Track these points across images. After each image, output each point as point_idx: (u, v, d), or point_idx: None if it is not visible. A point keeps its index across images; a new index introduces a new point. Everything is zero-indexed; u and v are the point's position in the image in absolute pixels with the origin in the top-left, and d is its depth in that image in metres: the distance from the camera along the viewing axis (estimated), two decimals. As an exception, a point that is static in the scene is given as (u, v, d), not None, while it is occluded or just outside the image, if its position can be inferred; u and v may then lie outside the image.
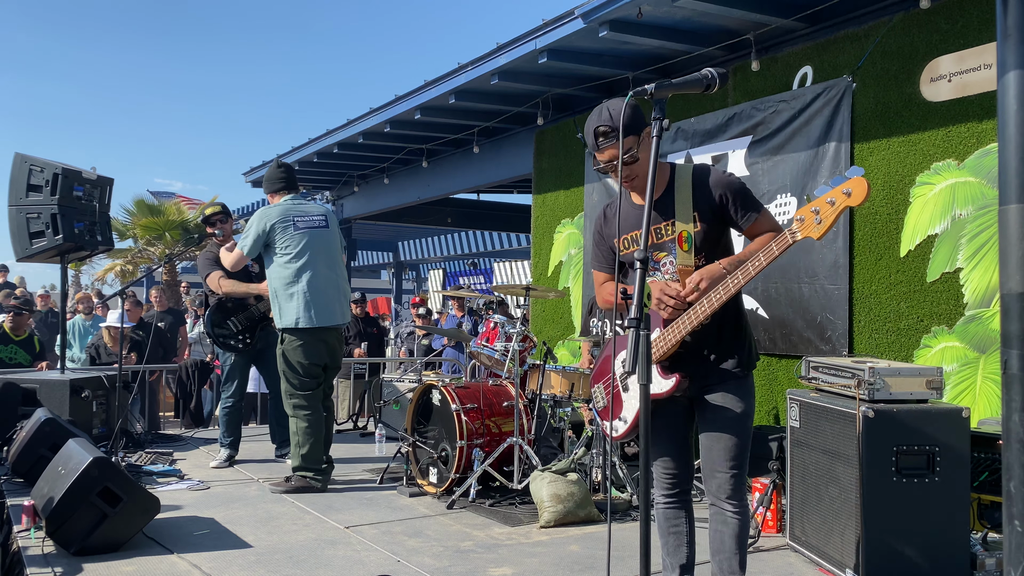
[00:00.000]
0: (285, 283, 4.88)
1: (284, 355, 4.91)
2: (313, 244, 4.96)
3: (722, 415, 2.68)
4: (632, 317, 1.99)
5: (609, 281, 2.84)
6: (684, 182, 2.67)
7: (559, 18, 5.73)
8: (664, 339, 2.62)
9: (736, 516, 2.70)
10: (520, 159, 8.32)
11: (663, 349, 2.62)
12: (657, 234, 2.68)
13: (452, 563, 3.56)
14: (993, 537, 3.54)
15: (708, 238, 2.65)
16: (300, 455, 4.85)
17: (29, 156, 5.80)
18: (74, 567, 3.39)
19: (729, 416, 2.67)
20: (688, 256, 2.62)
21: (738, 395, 2.69)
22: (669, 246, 2.65)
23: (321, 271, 4.94)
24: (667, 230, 2.66)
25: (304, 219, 4.99)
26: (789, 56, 5.47)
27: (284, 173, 5.21)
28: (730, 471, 2.66)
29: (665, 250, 2.67)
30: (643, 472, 2.01)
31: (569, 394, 5.10)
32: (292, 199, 5.10)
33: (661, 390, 2.63)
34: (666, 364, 2.66)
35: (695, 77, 2.25)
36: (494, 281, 21.02)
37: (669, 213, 2.65)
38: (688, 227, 2.62)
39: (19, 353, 7.34)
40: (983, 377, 4.28)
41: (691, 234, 2.62)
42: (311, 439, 4.84)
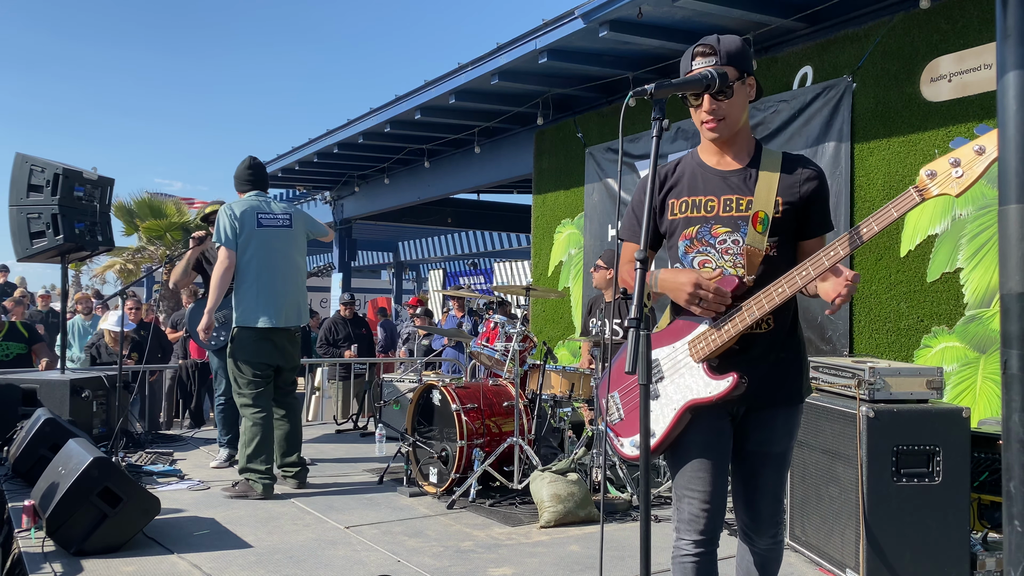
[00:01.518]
0: (239, 280, 4.83)
1: (231, 354, 4.82)
2: (272, 243, 4.92)
3: (767, 446, 2.26)
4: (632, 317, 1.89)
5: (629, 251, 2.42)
6: (772, 161, 2.28)
7: (559, 18, 5.73)
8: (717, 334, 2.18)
9: (772, 550, 2.32)
10: (520, 159, 8.32)
11: (715, 345, 2.18)
12: (726, 205, 2.24)
13: (452, 563, 3.56)
14: (993, 537, 3.54)
15: (783, 227, 2.24)
16: (245, 455, 4.72)
17: (30, 156, 5.80)
18: (74, 567, 3.39)
19: (775, 449, 2.27)
20: (760, 238, 2.19)
21: (790, 425, 2.29)
22: (738, 222, 2.22)
23: (277, 271, 4.89)
24: (740, 204, 2.23)
25: (267, 216, 4.95)
26: (789, 56, 5.47)
27: (252, 172, 5.13)
28: (778, 509, 2.29)
29: (729, 226, 2.23)
30: (643, 472, 2.00)
31: (569, 394, 5.10)
32: (257, 195, 5.04)
33: (710, 393, 2.16)
34: (714, 363, 2.21)
35: (695, 77, 2.25)
36: (494, 281, 21.01)
37: (747, 188, 2.24)
38: (767, 208, 2.21)
39: (12, 346, 7.27)
40: (983, 377, 4.28)
41: (768, 215, 2.20)
42: (255, 439, 4.71)
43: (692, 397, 2.19)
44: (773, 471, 2.27)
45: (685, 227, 2.29)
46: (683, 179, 2.32)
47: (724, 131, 2.24)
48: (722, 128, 2.23)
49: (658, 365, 2.27)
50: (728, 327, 2.16)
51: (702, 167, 2.31)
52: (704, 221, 2.26)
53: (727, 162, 2.29)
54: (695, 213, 2.27)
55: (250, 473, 4.71)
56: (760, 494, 2.27)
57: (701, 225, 2.27)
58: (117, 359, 6.41)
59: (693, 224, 2.27)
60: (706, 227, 2.26)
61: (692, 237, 2.27)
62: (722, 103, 2.20)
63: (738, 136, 2.28)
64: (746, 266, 2.20)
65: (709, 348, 2.18)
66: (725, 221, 2.24)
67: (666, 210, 2.34)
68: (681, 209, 2.30)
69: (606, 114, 7.11)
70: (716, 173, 2.28)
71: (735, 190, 2.25)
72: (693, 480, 2.20)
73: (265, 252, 4.87)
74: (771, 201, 2.21)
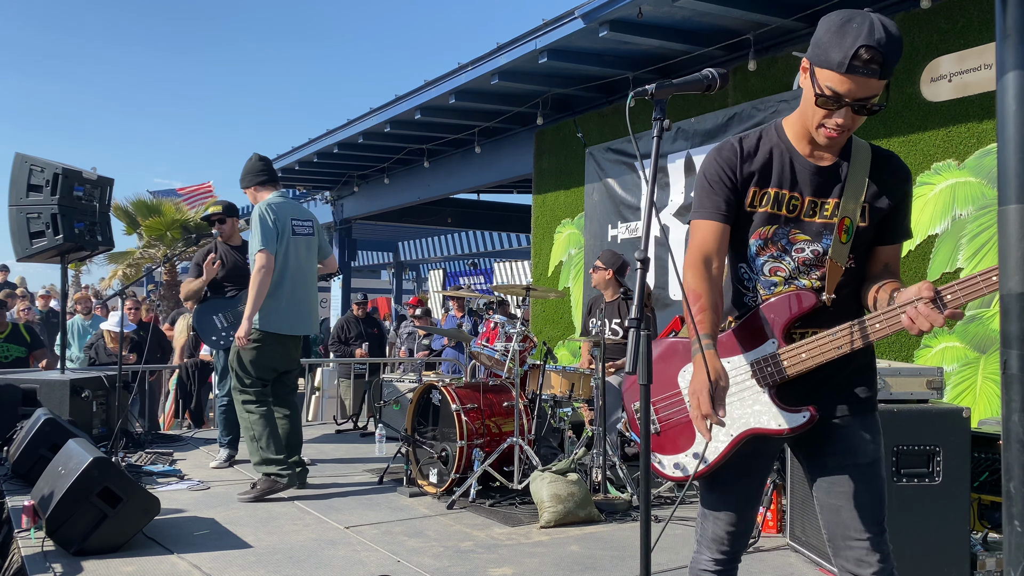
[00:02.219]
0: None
1: (239, 352, 4.75)
2: (300, 251, 4.91)
3: (855, 458, 1.96)
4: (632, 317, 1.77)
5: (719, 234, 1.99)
6: (863, 159, 1.98)
7: (559, 18, 5.73)
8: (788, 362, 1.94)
9: None
10: (520, 159, 8.32)
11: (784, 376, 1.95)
12: (810, 208, 1.97)
13: (452, 563, 3.56)
14: (993, 537, 3.54)
15: (866, 236, 1.98)
16: (259, 450, 4.66)
17: (30, 156, 5.80)
18: (74, 567, 3.39)
19: (865, 460, 1.96)
20: (844, 249, 1.93)
21: (875, 431, 1.99)
22: (821, 230, 1.96)
23: (300, 280, 4.88)
24: (825, 209, 1.96)
25: (300, 224, 4.94)
26: (789, 56, 5.47)
27: (265, 166, 5.06)
28: (875, 530, 1.95)
29: (810, 233, 1.96)
30: (643, 472, 1.99)
31: (569, 394, 5.10)
32: (282, 195, 5.00)
33: (779, 426, 1.93)
34: (782, 389, 1.95)
35: (695, 77, 2.24)
36: (494, 281, 21.02)
37: (832, 190, 1.96)
38: (854, 215, 1.94)
39: (12, 348, 7.29)
40: (983, 377, 4.29)
41: (853, 223, 1.94)
42: (266, 431, 4.67)
43: (756, 426, 1.96)
44: (871, 483, 1.96)
45: (762, 224, 1.99)
46: (770, 165, 2.00)
47: (839, 142, 1.94)
48: (842, 139, 1.93)
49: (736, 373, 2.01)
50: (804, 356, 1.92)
51: (793, 155, 1.99)
52: (785, 222, 1.99)
53: (819, 154, 1.98)
54: (777, 210, 1.98)
55: (272, 467, 4.67)
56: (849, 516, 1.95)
57: (780, 226, 1.99)
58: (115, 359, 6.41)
59: (773, 223, 1.99)
60: (785, 229, 1.99)
61: (768, 238, 1.99)
62: (859, 118, 1.88)
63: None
64: (826, 282, 1.95)
65: (777, 377, 1.95)
66: (807, 227, 1.98)
67: (745, 197, 2.00)
68: (762, 202, 1.99)
69: (606, 114, 7.11)
70: (807, 167, 1.98)
71: (822, 191, 1.97)
72: (721, 502, 2.04)
73: (295, 260, 4.87)
74: (858, 207, 1.95)
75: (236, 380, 4.82)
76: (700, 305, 1.91)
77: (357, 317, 9.25)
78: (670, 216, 6.30)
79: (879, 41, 1.79)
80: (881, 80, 1.82)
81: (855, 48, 1.79)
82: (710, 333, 1.88)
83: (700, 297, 1.92)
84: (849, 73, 1.79)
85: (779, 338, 1.95)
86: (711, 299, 1.92)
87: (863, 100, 1.83)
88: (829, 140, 1.91)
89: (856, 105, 1.83)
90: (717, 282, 1.96)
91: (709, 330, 1.88)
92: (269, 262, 4.70)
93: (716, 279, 1.96)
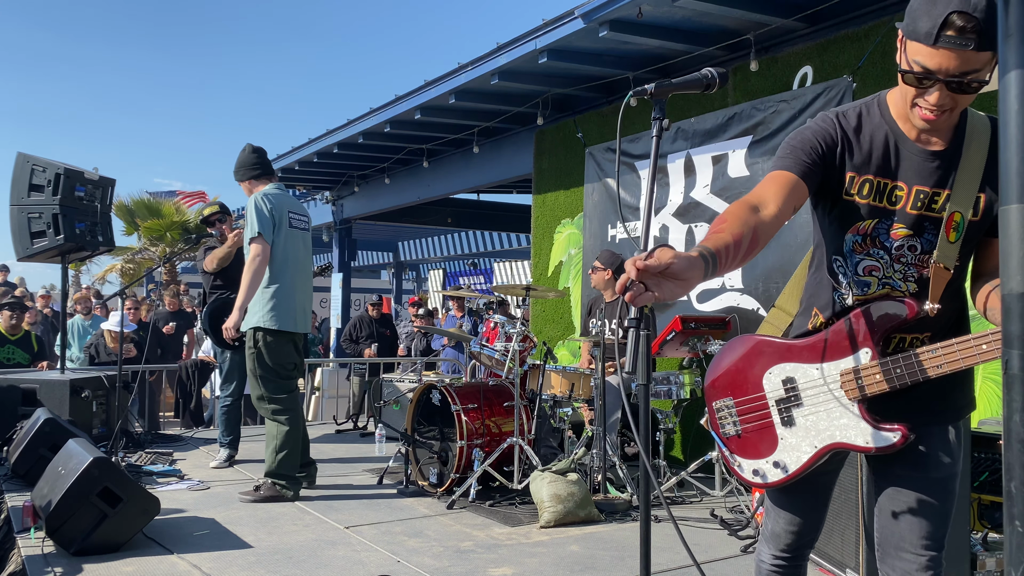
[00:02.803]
0: (267, 279, 4.64)
1: (259, 356, 4.60)
2: (299, 246, 4.82)
3: (927, 472, 1.79)
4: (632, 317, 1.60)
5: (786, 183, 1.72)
6: (980, 139, 1.71)
7: (559, 18, 5.73)
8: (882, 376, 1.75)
9: None
10: (520, 159, 8.32)
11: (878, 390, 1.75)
12: (916, 199, 1.73)
13: (452, 563, 3.55)
14: (993, 537, 3.54)
15: (978, 231, 1.75)
16: (277, 461, 4.57)
17: (31, 156, 5.80)
18: (74, 567, 3.39)
19: (939, 475, 1.79)
20: (952, 249, 1.71)
21: (953, 440, 1.81)
22: (924, 224, 1.74)
23: (300, 274, 4.80)
24: (933, 201, 1.73)
25: (298, 218, 4.86)
26: (789, 56, 5.47)
27: (259, 157, 4.89)
28: (926, 553, 1.78)
29: (913, 228, 1.75)
30: (643, 472, 1.99)
31: (569, 394, 5.10)
32: (278, 187, 4.87)
33: (866, 443, 1.77)
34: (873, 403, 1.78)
35: (695, 77, 2.24)
36: (494, 281, 21.01)
37: (943, 179, 1.72)
38: (965, 209, 1.71)
39: (17, 353, 7.33)
40: (984, 377, 4.28)
41: (964, 220, 1.71)
42: (291, 444, 4.59)
43: (842, 440, 1.80)
44: (935, 498, 1.79)
45: (862, 218, 1.77)
46: (873, 148, 1.75)
47: (945, 123, 1.70)
48: (944, 120, 1.68)
49: (794, 385, 1.85)
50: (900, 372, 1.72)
51: (899, 137, 1.75)
52: (886, 215, 1.75)
53: (927, 137, 1.74)
54: (878, 202, 1.75)
55: (283, 479, 4.60)
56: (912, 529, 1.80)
57: (881, 220, 1.76)
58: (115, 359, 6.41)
59: (874, 217, 1.76)
60: (886, 224, 1.76)
61: (867, 233, 1.78)
62: (962, 99, 1.64)
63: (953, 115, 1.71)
64: (931, 287, 1.74)
65: (869, 391, 1.76)
66: (910, 221, 1.74)
67: (842, 181, 1.77)
68: (863, 192, 1.76)
69: (606, 114, 7.11)
70: (914, 151, 1.74)
71: (931, 180, 1.72)
72: (786, 503, 1.95)
73: (293, 254, 4.77)
74: (971, 198, 1.70)
75: (262, 388, 4.62)
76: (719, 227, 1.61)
77: (372, 317, 9.33)
78: (669, 216, 6.30)
79: (976, 6, 1.52)
80: (981, 52, 1.56)
81: (946, 14, 1.53)
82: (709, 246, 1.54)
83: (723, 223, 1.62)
84: (940, 45, 1.55)
85: (872, 348, 1.76)
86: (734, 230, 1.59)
87: (959, 76, 1.57)
88: (927, 122, 1.67)
89: (953, 82, 1.58)
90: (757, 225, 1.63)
91: (711, 245, 1.54)
92: (265, 251, 4.59)
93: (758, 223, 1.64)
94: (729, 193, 5.79)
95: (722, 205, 5.86)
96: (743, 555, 3.75)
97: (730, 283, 5.79)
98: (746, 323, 5.23)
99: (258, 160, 4.89)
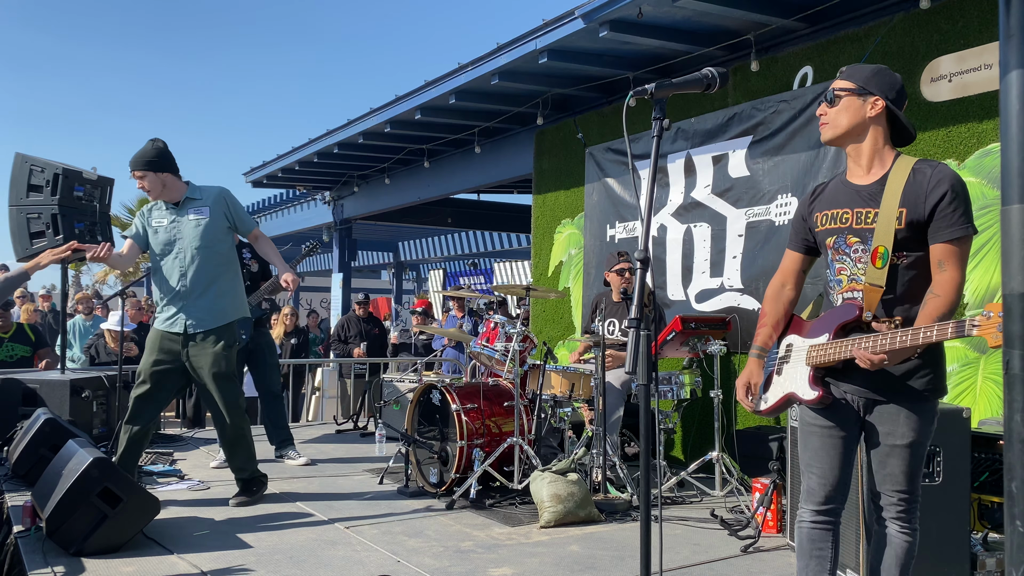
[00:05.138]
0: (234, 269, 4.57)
1: (225, 358, 4.39)
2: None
3: (888, 437, 2.42)
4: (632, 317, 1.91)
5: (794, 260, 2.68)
6: (901, 173, 2.40)
7: (559, 18, 5.73)
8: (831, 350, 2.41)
9: (900, 536, 2.47)
10: (520, 159, 8.31)
11: (821, 360, 2.44)
12: (859, 217, 2.44)
13: (452, 563, 3.55)
14: (993, 537, 3.54)
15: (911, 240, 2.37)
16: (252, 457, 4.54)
17: (30, 156, 5.79)
18: (74, 567, 3.39)
19: (896, 440, 2.41)
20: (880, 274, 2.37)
21: (914, 417, 2.40)
22: (866, 234, 2.43)
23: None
24: (868, 218, 2.42)
25: None
26: (789, 56, 5.47)
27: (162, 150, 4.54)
28: (896, 495, 2.45)
29: (859, 236, 2.45)
30: (643, 472, 2.00)
31: (569, 394, 5.10)
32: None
33: (803, 396, 2.50)
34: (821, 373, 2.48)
35: (695, 77, 2.24)
36: (494, 281, 21.01)
37: (874, 201, 2.42)
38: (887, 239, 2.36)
39: (16, 348, 7.30)
40: (984, 377, 4.28)
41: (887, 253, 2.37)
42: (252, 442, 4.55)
43: (792, 390, 2.54)
44: (899, 461, 2.42)
45: (826, 238, 2.55)
46: (825, 193, 2.60)
47: (826, 133, 2.52)
48: (825, 131, 2.52)
49: (789, 349, 2.60)
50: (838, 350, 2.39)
51: (842, 181, 2.56)
52: (840, 232, 2.50)
53: (860, 176, 2.51)
54: (833, 225, 2.52)
55: (260, 476, 4.61)
56: (879, 479, 2.47)
57: (839, 236, 2.50)
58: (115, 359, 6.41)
59: (831, 235, 2.53)
60: (842, 238, 2.49)
61: (831, 247, 2.54)
62: (828, 110, 2.51)
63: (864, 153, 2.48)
64: (864, 301, 2.40)
65: (817, 360, 2.46)
66: (856, 232, 2.46)
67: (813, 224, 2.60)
68: (821, 221, 2.56)
69: (606, 114, 7.11)
70: (851, 187, 2.51)
71: (866, 203, 2.44)
72: (814, 458, 2.52)
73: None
74: (891, 221, 2.35)
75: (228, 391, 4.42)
76: (762, 322, 2.67)
77: (359, 316, 9.29)
78: (668, 216, 6.30)
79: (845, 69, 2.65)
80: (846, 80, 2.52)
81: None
82: (760, 345, 2.65)
83: (764, 316, 2.68)
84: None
85: (830, 334, 2.45)
86: (772, 318, 2.65)
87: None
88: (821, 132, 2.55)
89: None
90: (785, 302, 2.66)
91: (760, 342, 2.65)
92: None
93: (786, 299, 2.67)
94: (729, 193, 5.79)
95: (722, 205, 5.86)
96: (743, 555, 3.75)
97: (730, 283, 5.79)
98: (746, 323, 5.23)
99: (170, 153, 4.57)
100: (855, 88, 2.45)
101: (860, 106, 2.45)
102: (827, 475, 2.49)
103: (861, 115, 2.45)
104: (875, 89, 2.43)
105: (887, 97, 2.43)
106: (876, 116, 2.44)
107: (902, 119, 2.43)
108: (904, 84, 2.51)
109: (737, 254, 5.74)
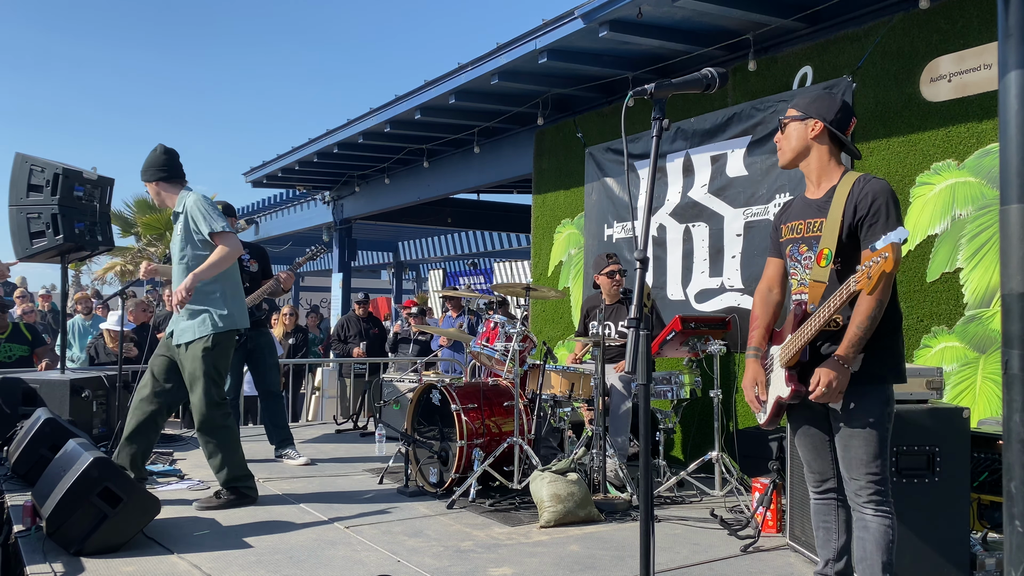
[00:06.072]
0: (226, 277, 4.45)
1: (207, 360, 4.32)
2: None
3: (846, 424, 2.66)
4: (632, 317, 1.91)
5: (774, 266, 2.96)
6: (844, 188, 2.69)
7: (559, 18, 5.73)
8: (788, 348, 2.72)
9: (875, 519, 2.65)
10: (520, 159, 8.32)
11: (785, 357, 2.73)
12: (809, 227, 2.76)
13: (452, 563, 3.55)
14: (993, 537, 3.54)
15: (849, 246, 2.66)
16: (236, 464, 4.45)
17: (30, 156, 5.79)
18: (74, 567, 3.39)
19: (854, 426, 2.65)
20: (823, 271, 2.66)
21: (863, 403, 2.64)
22: (812, 242, 2.74)
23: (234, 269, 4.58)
24: (815, 227, 2.74)
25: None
26: (789, 56, 5.47)
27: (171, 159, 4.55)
28: (864, 477, 2.64)
29: (807, 244, 2.77)
30: (643, 472, 1.99)
31: (569, 394, 5.10)
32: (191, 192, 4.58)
33: (783, 395, 2.73)
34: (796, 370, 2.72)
35: (695, 77, 2.25)
36: (494, 281, 21.01)
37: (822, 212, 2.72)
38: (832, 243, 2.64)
39: (14, 348, 7.29)
40: (983, 377, 4.29)
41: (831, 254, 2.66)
42: (239, 447, 4.47)
43: (778, 394, 2.77)
44: (859, 443, 2.63)
45: (786, 247, 2.87)
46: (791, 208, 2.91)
47: (781, 159, 2.86)
48: (780, 156, 2.86)
49: (771, 357, 2.85)
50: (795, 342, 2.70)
51: (802, 198, 2.87)
52: (793, 241, 2.82)
53: (812, 191, 2.82)
54: (791, 235, 2.84)
55: (246, 481, 4.52)
56: (845, 465, 2.69)
57: (793, 245, 2.82)
58: (115, 359, 6.41)
59: (789, 244, 2.85)
60: (795, 246, 2.81)
61: (788, 256, 2.86)
62: (780, 137, 2.85)
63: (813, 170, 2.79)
64: (808, 296, 2.70)
65: (785, 360, 2.73)
66: (807, 241, 2.77)
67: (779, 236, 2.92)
68: (785, 233, 2.88)
69: (606, 114, 7.11)
70: (805, 201, 2.82)
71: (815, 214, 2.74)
72: (802, 452, 2.89)
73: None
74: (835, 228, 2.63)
75: (215, 391, 4.37)
76: (753, 324, 2.92)
77: (358, 316, 9.28)
78: (666, 215, 6.30)
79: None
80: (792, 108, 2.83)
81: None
82: (755, 346, 2.89)
83: (755, 319, 2.93)
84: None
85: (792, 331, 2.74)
86: (763, 320, 2.90)
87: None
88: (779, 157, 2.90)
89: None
90: (773, 304, 2.92)
91: (755, 343, 2.89)
92: (238, 242, 4.43)
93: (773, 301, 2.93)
94: (727, 193, 5.80)
95: (720, 205, 5.86)
96: (743, 555, 3.75)
97: (729, 283, 5.79)
98: (746, 323, 5.21)
99: (178, 162, 4.61)
100: (798, 115, 2.77)
101: (803, 130, 2.76)
102: (814, 465, 2.86)
103: (804, 138, 2.77)
104: (814, 113, 2.74)
105: (825, 119, 2.72)
106: (817, 136, 2.74)
107: (840, 138, 2.72)
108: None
109: (736, 254, 5.74)
